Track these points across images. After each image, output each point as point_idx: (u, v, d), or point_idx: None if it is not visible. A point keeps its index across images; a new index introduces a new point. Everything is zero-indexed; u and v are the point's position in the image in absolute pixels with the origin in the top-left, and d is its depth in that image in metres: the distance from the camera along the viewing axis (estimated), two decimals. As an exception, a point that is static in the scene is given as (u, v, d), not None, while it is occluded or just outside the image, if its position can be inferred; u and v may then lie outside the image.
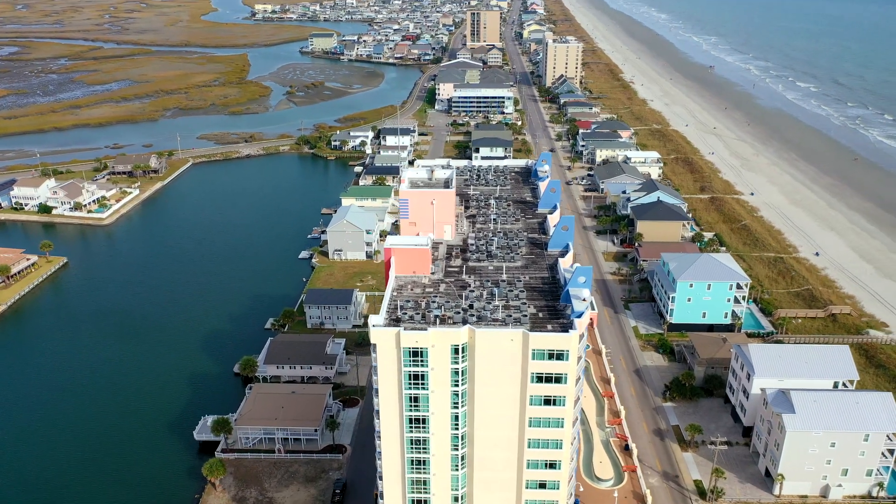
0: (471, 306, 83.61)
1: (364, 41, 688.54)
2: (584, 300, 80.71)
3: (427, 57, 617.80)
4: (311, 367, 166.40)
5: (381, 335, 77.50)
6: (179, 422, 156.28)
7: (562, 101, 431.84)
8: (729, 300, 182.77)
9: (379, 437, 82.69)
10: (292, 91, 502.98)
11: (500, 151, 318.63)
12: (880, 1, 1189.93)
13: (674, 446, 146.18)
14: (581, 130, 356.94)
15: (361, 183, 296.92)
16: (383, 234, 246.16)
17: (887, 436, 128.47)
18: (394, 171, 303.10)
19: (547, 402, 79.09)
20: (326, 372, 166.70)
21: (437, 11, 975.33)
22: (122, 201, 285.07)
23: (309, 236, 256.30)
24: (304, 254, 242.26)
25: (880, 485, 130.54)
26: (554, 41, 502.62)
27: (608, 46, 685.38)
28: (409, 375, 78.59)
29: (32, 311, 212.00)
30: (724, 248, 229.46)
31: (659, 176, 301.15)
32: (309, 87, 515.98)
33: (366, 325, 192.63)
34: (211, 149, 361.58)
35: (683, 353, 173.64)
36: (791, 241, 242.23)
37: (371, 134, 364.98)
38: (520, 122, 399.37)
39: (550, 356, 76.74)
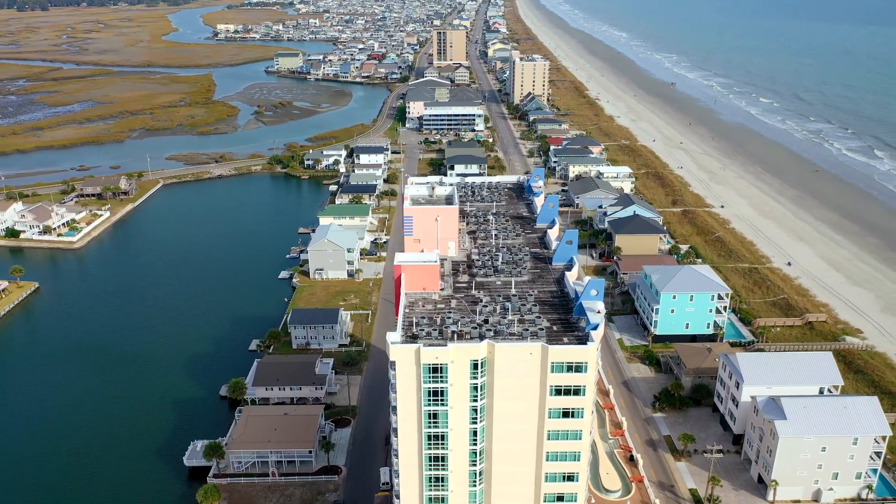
0: (486, 321, 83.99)
1: (330, 60, 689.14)
2: (598, 312, 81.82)
3: (394, 76, 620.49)
4: (300, 388, 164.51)
5: (401, 352, 77.29)
6: (167, 448, 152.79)
7: (531, 119, 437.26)
8: (711, 311, 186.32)
9: (396, 455, 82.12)
10: (260, 111, 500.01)
11: (474, 168, 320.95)
12: (832, 20, 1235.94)
13: (667, 456, 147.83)
14: (552, 147, 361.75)
15: (338, 201, 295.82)
16: (363, 253, 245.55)
17: (875, 439, 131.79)
18: (370, 190, 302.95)
19: (565, 414, 79.70)
20: (316, 392, 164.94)
21: (401, 31, 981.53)
22: (92, 224, 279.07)
23: (287, 256, 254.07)
24: (283, 274, 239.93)
25: (869, 487, 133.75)
26: (521, 59, 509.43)
27: (571, 64, 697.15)
28: (429, 392, 78.46)
29: (5, 339, 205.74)
30: (700, 260, 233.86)
31: (632, 190, 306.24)
32: (277, 107, 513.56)
33: (352, 344, 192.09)
34: (181, 170, 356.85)
35: (670, 364, 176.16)
36: (764, 252, 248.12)
37: (344, 153, 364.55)
38: (491, 140, 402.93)
39: (569, 368, 77.49)
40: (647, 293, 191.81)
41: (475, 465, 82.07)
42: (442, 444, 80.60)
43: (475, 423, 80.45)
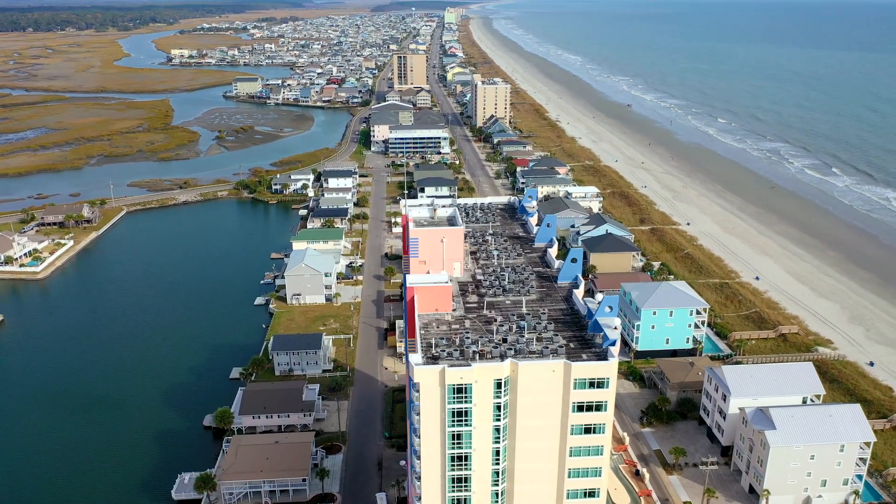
0: (504, 340, 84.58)
1: (289, 85, 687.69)
2: (615, 328, 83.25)
3: (355, 100, 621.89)
4: (288, 416, 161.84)
5: (425, 374, 77.18)
6: (154, 482, 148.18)
7: (496, 141, 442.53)
8: (690, 325, 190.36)
9: (419, 478, 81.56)
10: (222, 136, 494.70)
11: (445, 190, 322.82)
12: (780, 43, 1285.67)
13: (658, 470, 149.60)
14: (519, 168, 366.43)
15: (309, 226, 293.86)
16: (339, 277, 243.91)
17: (860, 445, 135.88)
18: (342, 213, 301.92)
19: (587, 430, 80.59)
20: (305, 419, 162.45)
21: (358, 55, 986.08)
22: (56, 254, 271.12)
23: (262, 282, 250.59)
24: (259, 300, 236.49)
25: (856, 493, 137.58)
26: (483, 83, 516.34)
27: (530, 87, 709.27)
28: (453, 412, 78.44)
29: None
30: (672, 277, 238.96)
31: (600, 210, 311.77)
32: (239, 132, 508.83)
33: (336, 369, 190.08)
34: (145, 196, 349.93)
35: (654, 379, 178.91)
36: (732, 267, 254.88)
37: (312, 177, 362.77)
38: (458, 162, 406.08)
39: (591, 385, 78.52)
40: (626, 310, 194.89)
41: (497, 484, 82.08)
42: (465, 464, 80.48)
43: (497, 442, 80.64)
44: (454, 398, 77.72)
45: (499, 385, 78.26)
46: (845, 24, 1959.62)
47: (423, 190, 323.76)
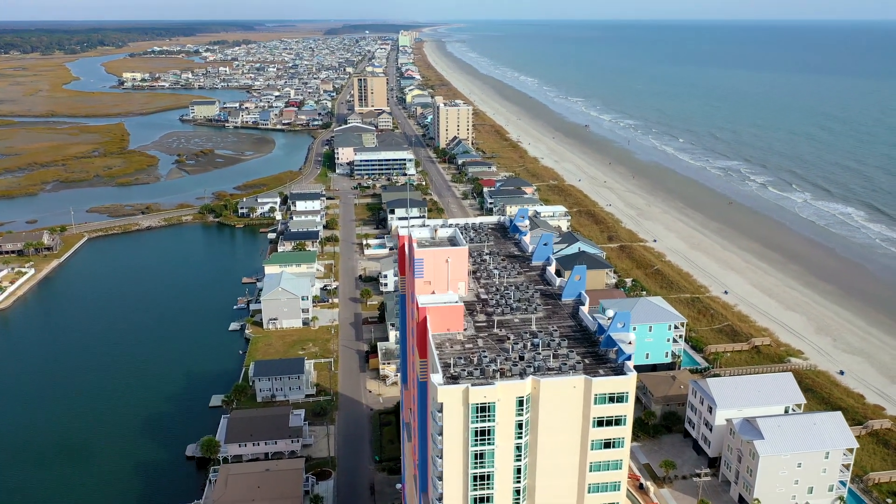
0: (521, 358, 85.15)
1: (247, 108, 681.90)
2: (630, 343, 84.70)
3: (316, 122, 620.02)
4: (275, 443, 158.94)
5: (449, 394, 77.07)
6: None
7: (460, 162, 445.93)
8: (668, 340, 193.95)
9: (440, 499, 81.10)
10: (182, 160, 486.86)
11: (415, 212, 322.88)
12: (727, 66, 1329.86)
13: (648, 484, 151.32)
14: (486, 189, 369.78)
15: (280, 249, 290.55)
16: (315, 300, 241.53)
17: (843, 452, 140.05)
18: (313, 236, 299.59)
19: (607, 445, 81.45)
20: (292, 446, 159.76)
21: (315, 78, 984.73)
22: (16, 283, 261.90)
23: (235, 307, 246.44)
24: (234, 325, 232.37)
25: (841, 498, 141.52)
26: (445, 105, 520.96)
27: (489, 109, 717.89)
28: (476, 432, 78.43)
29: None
30: (645, 293, 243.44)
31: (568, 228, 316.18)
32: (199, 155, 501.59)
33: (319, 394, 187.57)
34: (106, 222, 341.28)
35: (637, 394, 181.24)
36: (701, 282, 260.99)
37: (279, 199, 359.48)
38: (424, 183, 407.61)
39: (611, 399, 79.56)
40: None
41: (518, 503, 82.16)
42: (487, 484, 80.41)
43: (519, 460, 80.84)
44: (477, 417, 77.80)
45: (520, 402, 78.69)
46: (788, 46, 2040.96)
47: (392, 212, 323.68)
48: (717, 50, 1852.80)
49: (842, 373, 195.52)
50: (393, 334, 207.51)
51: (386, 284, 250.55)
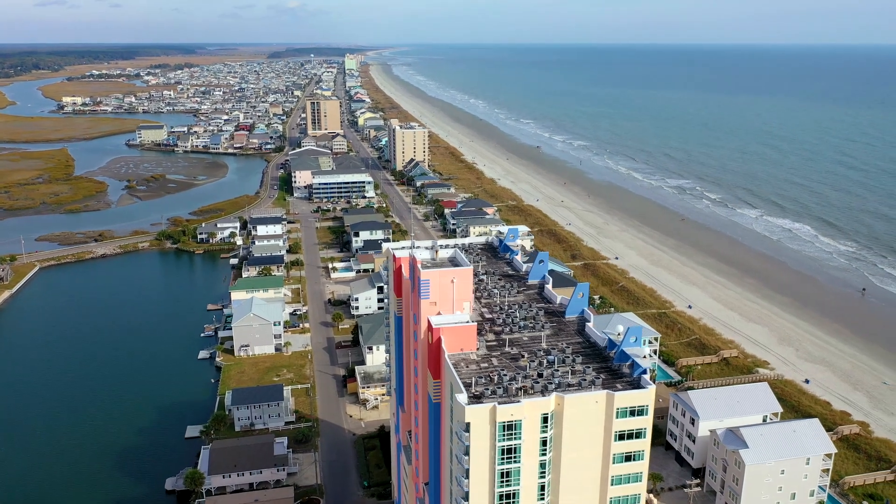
0: (540, 375, 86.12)
1: (196, 132, 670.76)
2: (645, 357, 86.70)
3: (269, 146, 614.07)
4: (260, 472, 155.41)
5: (476, 413, 77.29)
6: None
7: (419, 184, 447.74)
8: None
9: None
10: (132, 185, 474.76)
11: (380, 234, 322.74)
12: (672, 88, 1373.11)
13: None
14: (447, 210, 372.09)
15: (245, 274, 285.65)
16: (286, 325, 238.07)
17: (822, 457, 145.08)
18: (277, 261, 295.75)
19: (628, 458, 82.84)
20: (278, 475, 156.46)
21: (263, 101, 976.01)
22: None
23: (203, 335, 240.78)
24: (203, 353, 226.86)
25: (821, 502, 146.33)
26: (401, 127, 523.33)
27: (441, 131, 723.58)
28: (503, 450, 78.80)
29: None
30: (613, 309, 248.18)
31: (532, 247, 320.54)
32: (150, 181, 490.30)
33: (299, 420, 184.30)
34: (58, 251, 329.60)
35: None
36: (666, 298, 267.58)
37: (238, 224, 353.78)
38: (385, 206, 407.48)
39: (632, 413, 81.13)
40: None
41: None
42: (513, 502, 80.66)
43: (543, 476, 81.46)
44: (504, 435, 78.25)
45: (545, 419, 79.53)
46: (727, 69, 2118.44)
47: (357, 234, 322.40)
48: (657, 72, 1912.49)
49: (807, 381, 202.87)
50: (370, 357, 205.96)
51: (357, 308, 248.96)
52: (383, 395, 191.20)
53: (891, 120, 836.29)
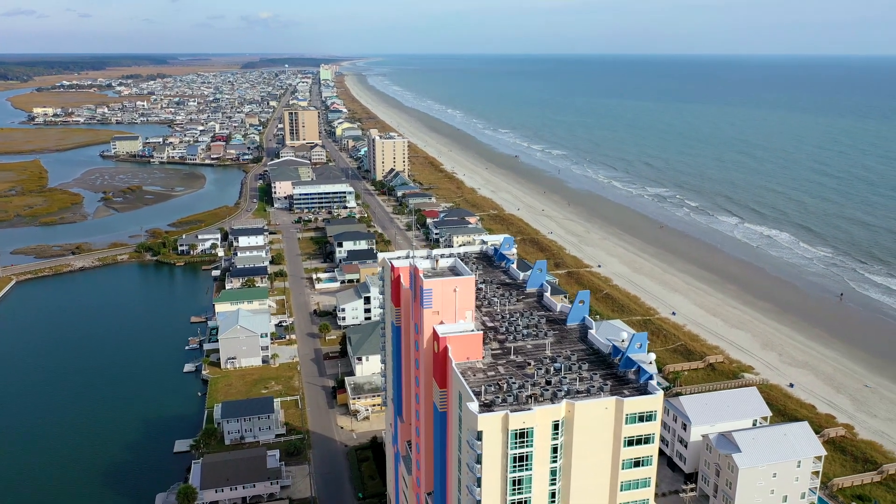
0: (549, 382, 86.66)
1: (172, 143, 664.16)
2: (650, 363, 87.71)
3: (246, 157, 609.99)
4: (254, 486, 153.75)
5: (489, 421, 77.48)
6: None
7: (400, 193, 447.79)
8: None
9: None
10: (108, 197, 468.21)
11: (363, 244, 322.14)
12: (644, 98, 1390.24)
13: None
14: (430, 219, 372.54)
15: (228, 286, 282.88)
16: (273, 337, 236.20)
17: (812, 460, 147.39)
18: (261, 272, 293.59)
19: (636, 463, 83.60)
20: (272, 488, 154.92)
21: (239, 112, 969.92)
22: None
23: (187, 348, 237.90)
24: (188, 366, 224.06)
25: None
26: (380, 137, 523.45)
27: (419, 141, 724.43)
28: (514, 458, 79.04)
29: None
30: (598, 316, 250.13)
31: (516, 256, 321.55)
32: (126, 192, 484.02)
33: (289, 433, 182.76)
34: (35, 264, 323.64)
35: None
36: (649, 304, 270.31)
37: (220, 235, 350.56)
38: (366, 216, 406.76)
39: (641, 418, 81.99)
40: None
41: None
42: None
43: (554, 483, 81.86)
44: (516, 443, 78.55)
45: (556, 426, 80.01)
46: (701, 79, 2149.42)
47: (340, 245, 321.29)
48: (643, 84, 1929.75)
49: (791, 385, 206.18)
50: (360, 368, 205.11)
51: (344, 318, 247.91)
52: (374, 405, 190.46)
53: (861, 128, 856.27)
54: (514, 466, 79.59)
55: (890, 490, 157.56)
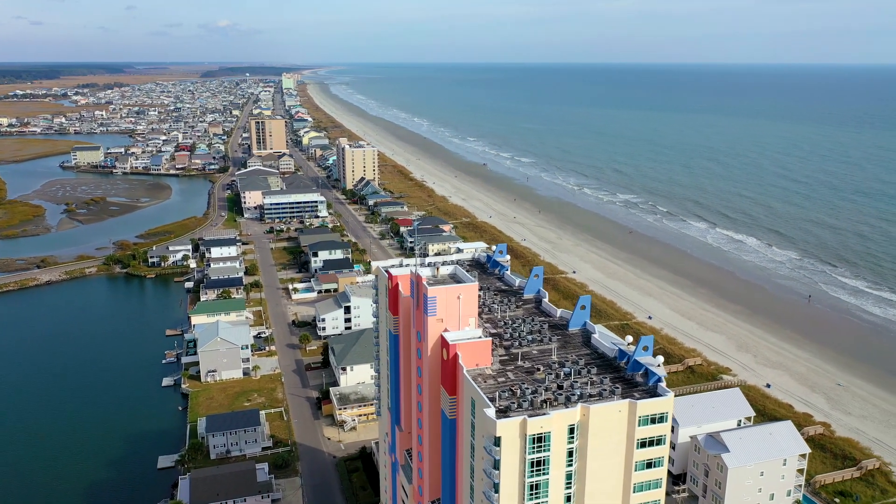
0: (560, 387, 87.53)
1: (134, 153, 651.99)
2: (658, 365, 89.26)
3: (213, 166, 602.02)
4: (244, 500, 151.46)
5: (507, 427, 77.96)
6: None
7: (371, 202, 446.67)
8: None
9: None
10: (72, 209, 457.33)
11: (339, 254, 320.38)
12: (609, 106, 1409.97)
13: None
14: (403, 228, 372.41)
15: (203, 298, 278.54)
16: (253, 349, 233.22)
17: (797, 458, 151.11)
18: (236, 283, 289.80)
19: (649, 465, 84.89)
20: (262, 502, 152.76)
21: (202, 121, 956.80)
22: None
23: (164, 361, 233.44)
24: (167, 381, 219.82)
25: (797, 501, 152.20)
26: (350, 146, 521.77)
27: (386, 150, 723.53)
28: (532, 463, 79.62)
29: None
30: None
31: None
32: (90, 204, 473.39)
33: (276, 445, 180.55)
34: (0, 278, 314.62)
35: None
36: (626, 309, 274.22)
37: (191, 246, 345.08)
38: (339, 225, 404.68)
39: (653, 420, 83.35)
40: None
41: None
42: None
43: (569, 487, 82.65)
44: (534, 448, 79.15)
45: (571, 430, 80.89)
46: (665, 88, 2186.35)
47: (316, 254, 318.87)
48: (610, 92, 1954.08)
49: (768, 386, 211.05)
50: (344, 378, 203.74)
51: (324, 329, 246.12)
52: (361, 415, 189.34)
53: (821, 134, 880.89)
54: (532, 471, 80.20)
55: (870, 485, 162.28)
